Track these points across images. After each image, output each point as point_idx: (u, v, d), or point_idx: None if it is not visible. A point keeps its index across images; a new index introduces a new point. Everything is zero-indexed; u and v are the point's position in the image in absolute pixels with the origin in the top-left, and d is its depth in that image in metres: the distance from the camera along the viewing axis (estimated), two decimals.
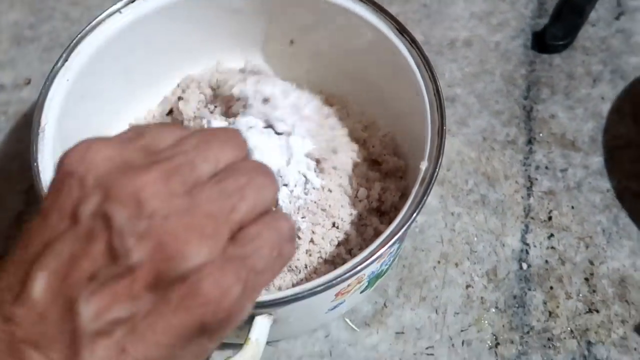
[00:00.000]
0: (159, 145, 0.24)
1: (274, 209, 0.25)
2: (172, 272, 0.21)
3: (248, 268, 0.23)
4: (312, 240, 0.43)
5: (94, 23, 0.45)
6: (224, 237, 0.23)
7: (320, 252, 0.43)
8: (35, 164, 0.40)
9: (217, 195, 0.23)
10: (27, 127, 0.42)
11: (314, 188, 0.44)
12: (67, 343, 0.21)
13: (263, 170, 0.25)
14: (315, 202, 0.44)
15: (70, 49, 0.44)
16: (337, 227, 0.44)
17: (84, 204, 0.22)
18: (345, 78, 0.51)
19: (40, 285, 0.21)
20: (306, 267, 0.43)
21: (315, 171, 0.45)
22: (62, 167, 0.23)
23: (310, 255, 0.43)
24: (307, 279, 0.43)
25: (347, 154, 0.47)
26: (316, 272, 0.43)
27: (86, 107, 0.46)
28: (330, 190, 0.44)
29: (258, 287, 0.24)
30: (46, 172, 0.40)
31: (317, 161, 0.45)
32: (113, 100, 0.49)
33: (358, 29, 0.46)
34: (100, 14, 0.45)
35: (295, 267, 0.43)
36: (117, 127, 0.49)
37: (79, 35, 0.44)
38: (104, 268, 0.21)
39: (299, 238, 0.43)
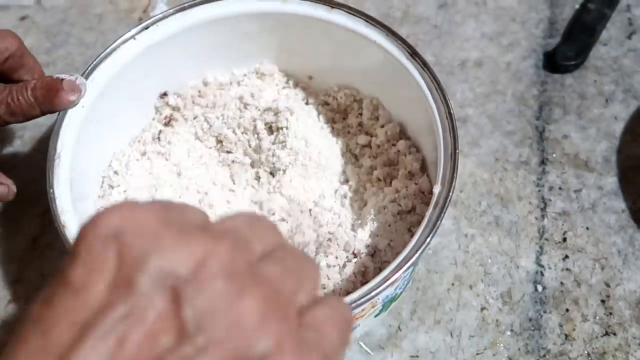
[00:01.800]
0: (198, 221, 0.21)
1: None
2: (249, 353, 0.19)
3: (321, 354, 0.21)
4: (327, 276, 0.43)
5: (109, 50, 0.45)
6: (294, 317, 0.21)
7: (334, 285, 0.43)
8: (51, 190, 0.40)
9: (280, 273, 0.21)
10: (42, 152, 0.43)
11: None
12: None
13: (307, 256, 0.24)
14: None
15: (85, 75, 0.44)
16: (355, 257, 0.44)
17: (141, 271, 0.19)
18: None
19: None
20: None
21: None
22: (100, 229, 0.20)
23: (324, 288, 0.43)
24: None
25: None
26: None
27: (101, 133, 0.46)
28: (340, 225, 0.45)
29: None
30: (62, 198, 0.40)
31: None
32: (129, 126, 0.50)
33: (371, 53, 0.46)
34: (116, 41, 0.46)
35: None
36: (132, 153, 0.49)
37: (94, 62, 0.45)
38: (171, 351, 0.18)
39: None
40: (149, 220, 0.20)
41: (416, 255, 0.37)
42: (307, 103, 0.52)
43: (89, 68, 0.45)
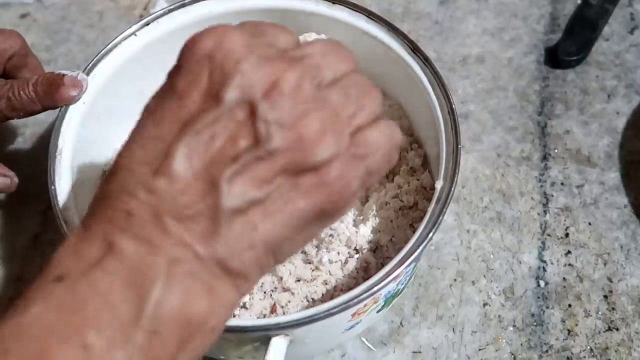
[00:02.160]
0: (282, 45, 0.26)
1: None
2: (307, 161, 0.24)
3: (365, 167, 0.26)
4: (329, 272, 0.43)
5: (110, 46, 0.45)
6: (348, 136, 0.25)
7: (336, 281, 0.43)
8: (52, 187, 0.40)
9: (343, 99, 0.25)
10: (44, 149, 0.43)
11: None
12: (207, 216, 0.23)
13: (373, 85, 0.27)
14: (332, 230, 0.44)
15: (86, 71, 0.44)
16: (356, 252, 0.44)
17: (226, 87, 0.23)
18: None
19: (183, 161, 0.23)
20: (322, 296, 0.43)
21: None
22: (197, 50, 0.24)
23: (326, 284, 0.43)
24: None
25: None
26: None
27: (102, 129, 0.46)
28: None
29: (367, 185, 0.27)
30: (63, 194, 0.40)
31: None
32: (130, 122, 0.50)
33: (372, 49, 0.46)
34: (116, 37, 0.46)
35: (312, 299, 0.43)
36: None
37: (95, 58, 0.45)
38: (247, 151, 0.23)
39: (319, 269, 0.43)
40: (236, 44, 0.24)
41: (418, 250, 0.37)
42: None
43: (90, 64, 0.45)
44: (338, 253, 0.43)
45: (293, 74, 0.24)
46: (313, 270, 0.43)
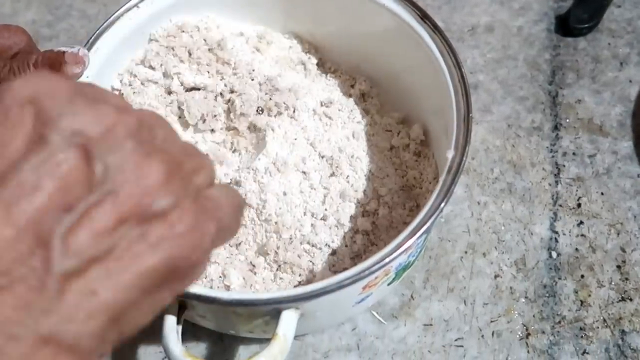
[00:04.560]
0: (111, 101, 0.23)
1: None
2: (153, 205, 0.21)
3: (216, 223, 0.23)
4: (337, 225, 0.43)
5: (112, 18, 0.44)
6: (194, 188, 0.23)
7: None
8: None
9: (183, 154, 0.23)
10: None
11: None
12: (31, 284, 0.19)
13: (203, 153, 0.25)
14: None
15: (89, 45, 0.43)
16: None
17: (54, 127, 0.20)
18: (367, 65, 0.50)
19: (1, 216, 0.19)
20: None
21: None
22: (15, 95, 0.21)
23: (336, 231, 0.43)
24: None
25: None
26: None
27: None
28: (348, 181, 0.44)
29: (217, 244, 0.24)
30: None
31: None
32: None
33: (380, 18, 0.45)
34: (118, 9, 0.45)
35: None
36: None
37: (98, 31, 0.44)
38: (82, 198, 0.20)
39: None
40: (63, 88, 0.21)
41: (429, 222, 0.36)
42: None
43: (93, 37, 0.44)
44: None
45: (130, 119, 0.21)
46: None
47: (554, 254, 0.48)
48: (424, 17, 0.43)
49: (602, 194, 0.51)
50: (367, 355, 0.45)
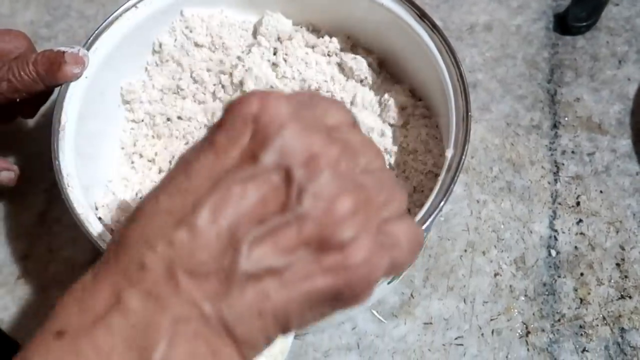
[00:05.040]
0: (328, 121, 0.25)
1: None
2: (334, 236, 0.23)
3: (391, 258, 0.24)
4: None
5: (110, 18, 0.44)
6: (377, 223, 0.24)
7: None
8: (56, 162, 0.40)
9: (377, 187, 0.25)
10: (46, 126, 0.42)
11: None
12: (222, 277, 0.22)
13: (400, 183, 0.27)
14: None
15: (88, 45, 0.43)
16: None
17: (266, 149, 0.23)
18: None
19: (208, 216, 0.22)
20: None
21: None
22: (244, 109, 0.24)
23: None
24: None
25: None
26: None
27: (106, 104, 0.45)
28: None
29: (389, 276, 0.26)
30: (68, 169, 0.40)
31: None
32: None
33: (378, 16, 0.45)
34: (117, 10, 0.45)
35: None
36: (138, 120, 0.48)
37: (96, 32, 0.44)
38: (275, 215, 0.22)
39: None
40: (283, 110, 0.24)
41: (429, 220, 0.36)
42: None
43: (91, 38, 0.44)
44: None
45: (334, 150, 0.23)
46: None
47: (554, 252, 0.48)
48: (422, 16, 0.43)
49: (601, 192, 0.51)
50: (367, 354, 0.45)
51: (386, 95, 0.46)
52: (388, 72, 0.49)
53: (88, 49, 0.43)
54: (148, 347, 0.21)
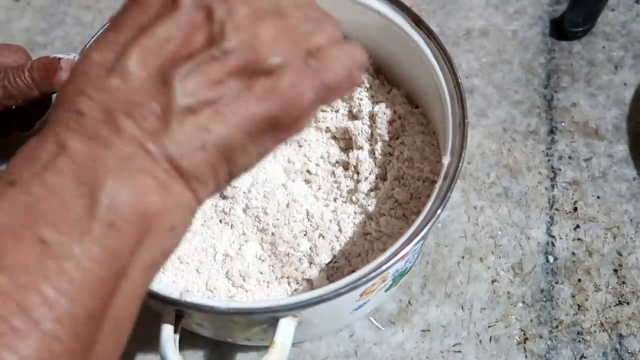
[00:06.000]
0: None
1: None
2: (260, 63, 0.24)
3: (321, 80, 0.25)
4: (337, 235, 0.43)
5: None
6: (304, 50, 0.25)
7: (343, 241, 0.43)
8: None
9: (303, 17, 0.26)
10: None
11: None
12: (159, 114, 0.23)
13: (328, 13, 0.28)
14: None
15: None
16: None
17: None
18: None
19: (137, 61, 0.23)
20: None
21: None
22: None
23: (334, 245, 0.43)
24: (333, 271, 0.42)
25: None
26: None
27: None
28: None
29: (325, 101, 0.26)
30: None
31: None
32: None
33: (374, 23, 0.45)
34: None
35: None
36: None
37: (93, 39, 0.44)
38: (201, 51, 0.23)
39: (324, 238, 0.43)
40: None
41: (426, 228, 0.36)
42: None
43: (88, 45, 0.44)
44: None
45: None
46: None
47: (551, 258, 0.48)
48: (418, 22, 0.44)
49: (598, 197, 0.51)
50: None
51: (382, 105, 0.46)
52: (386, 77, 0.49)
53: None
54: (97, 182, 0.22)
